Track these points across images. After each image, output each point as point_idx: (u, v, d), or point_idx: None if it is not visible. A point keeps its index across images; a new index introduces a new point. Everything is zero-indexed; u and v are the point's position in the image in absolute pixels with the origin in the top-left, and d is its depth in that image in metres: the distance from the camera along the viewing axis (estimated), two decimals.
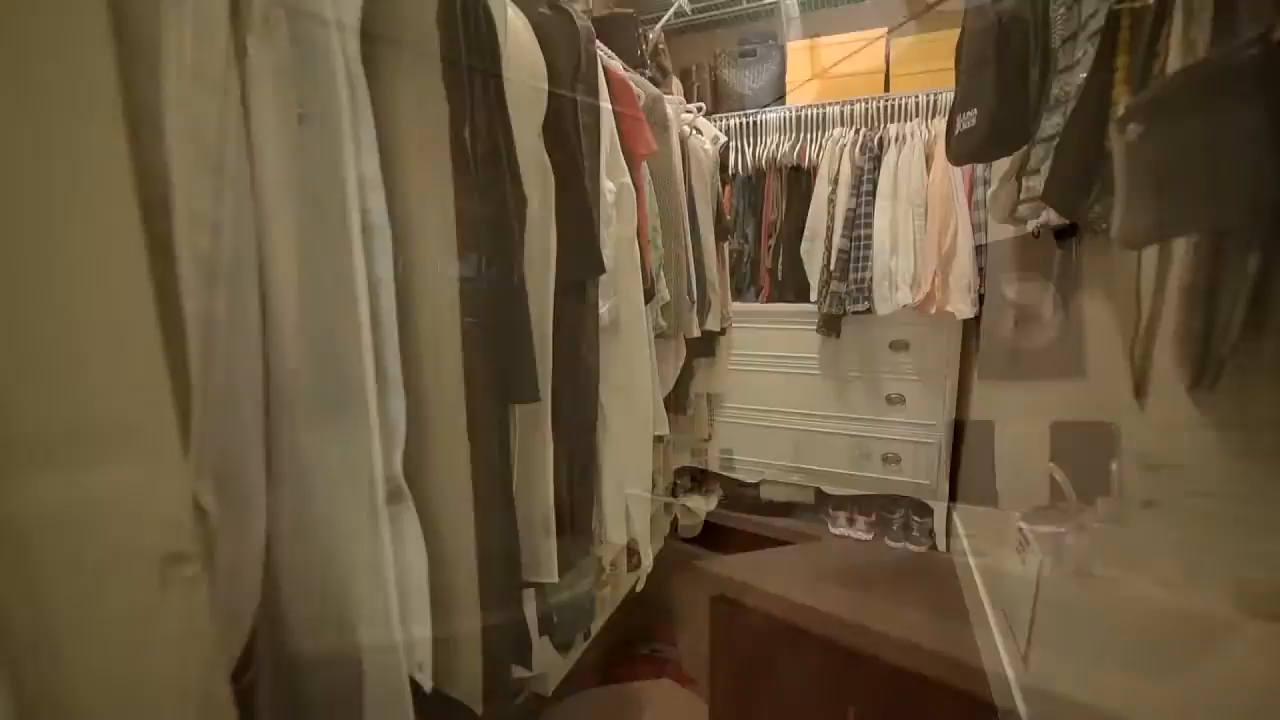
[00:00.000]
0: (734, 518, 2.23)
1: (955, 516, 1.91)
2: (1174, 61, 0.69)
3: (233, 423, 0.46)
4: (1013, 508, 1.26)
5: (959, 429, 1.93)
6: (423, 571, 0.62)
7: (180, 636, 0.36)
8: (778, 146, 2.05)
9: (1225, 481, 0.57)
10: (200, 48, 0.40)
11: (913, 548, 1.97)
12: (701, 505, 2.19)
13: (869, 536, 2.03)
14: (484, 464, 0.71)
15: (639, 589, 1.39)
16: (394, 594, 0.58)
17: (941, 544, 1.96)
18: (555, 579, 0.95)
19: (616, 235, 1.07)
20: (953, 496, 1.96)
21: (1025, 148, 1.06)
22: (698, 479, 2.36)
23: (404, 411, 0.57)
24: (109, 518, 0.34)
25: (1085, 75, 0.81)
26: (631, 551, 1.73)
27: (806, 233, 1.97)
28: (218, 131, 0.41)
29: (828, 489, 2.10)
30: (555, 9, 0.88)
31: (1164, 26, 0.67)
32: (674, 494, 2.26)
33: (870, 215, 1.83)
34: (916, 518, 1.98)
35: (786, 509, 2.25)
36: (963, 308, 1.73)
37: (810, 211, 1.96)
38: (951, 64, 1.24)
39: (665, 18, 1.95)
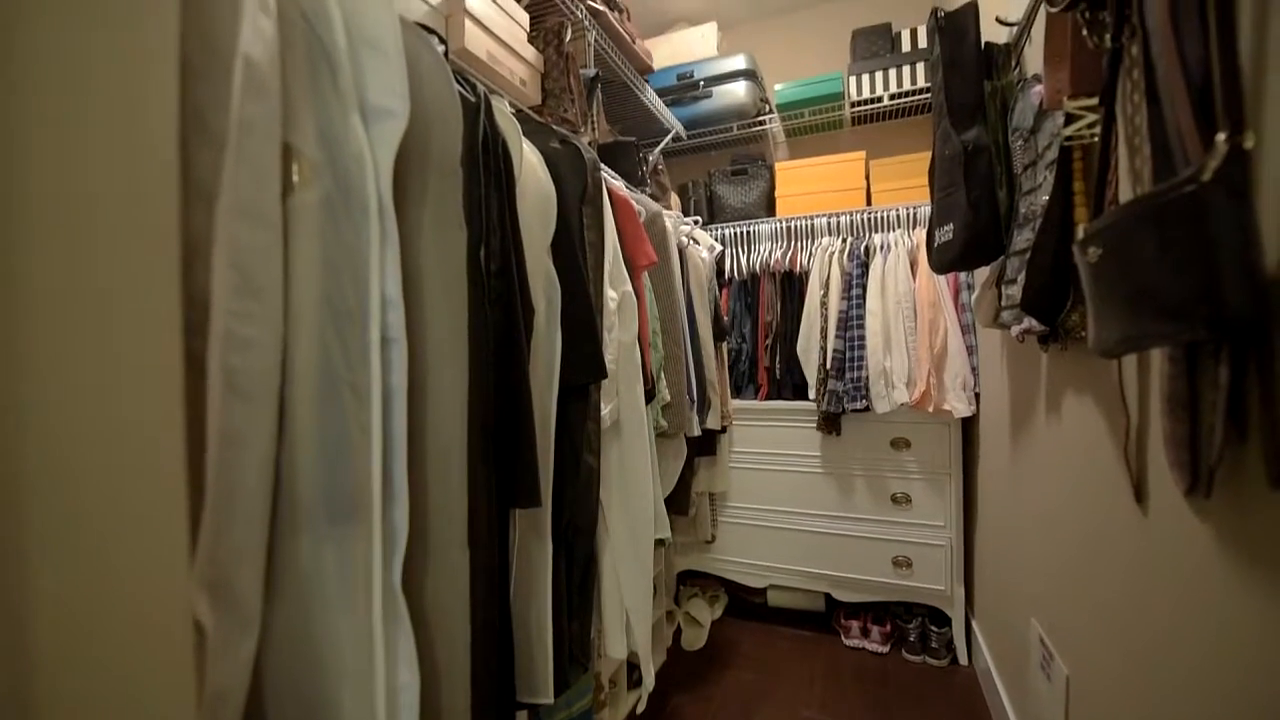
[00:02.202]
0: (740, 627, 2.11)
1: (975, 626, 1.81)
2: (1124, 188, 0.77)
3: (238, 535, 0.46)
4: (1031, 617, 1.20)
5: (969, 531, 1.88)
6: (414, 692, 0.59)
7: None
8: (770, 253, 2.17)
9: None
10: (254, 190, 0.45)
11: (932, 661, 1.85)
12: (706, 614, 2.07)
13: (885, 649, 1.91)
14: (482, 573, 0.69)
15: (640, 710, 1.29)
16: (383, 718, 0.55)
17: (963, 657, 1.84)
18: (550, 699, 0.89)
19: (619, 340, 1.11)
20: (970, 603, 1.87)
21: (1001, 258, 1.14)
22: (701, 584, 2.25)
23: (407, 520, 0.57)
24: (110, 629, 0.33)
25: (1047, 198, 0.89)
26: (632, 667, 1.62)
27: (801, 333, 2.03)
28: (261, 261, 0.46)
29: (838, 595, 2.01)
30: (565, 143, 0.98)
31: (1110, 159, 0.75)
32: (677, 602, 2.15)
33: (862, 317, 1.90)
34: (934, 628, 1.87)
35: (796, 617, 2.13)
36: (959, 406, 1.76)
37: (804, 314, 2.04)
38: (925, 181, 1.36)
39: (664, 143, 2.15)
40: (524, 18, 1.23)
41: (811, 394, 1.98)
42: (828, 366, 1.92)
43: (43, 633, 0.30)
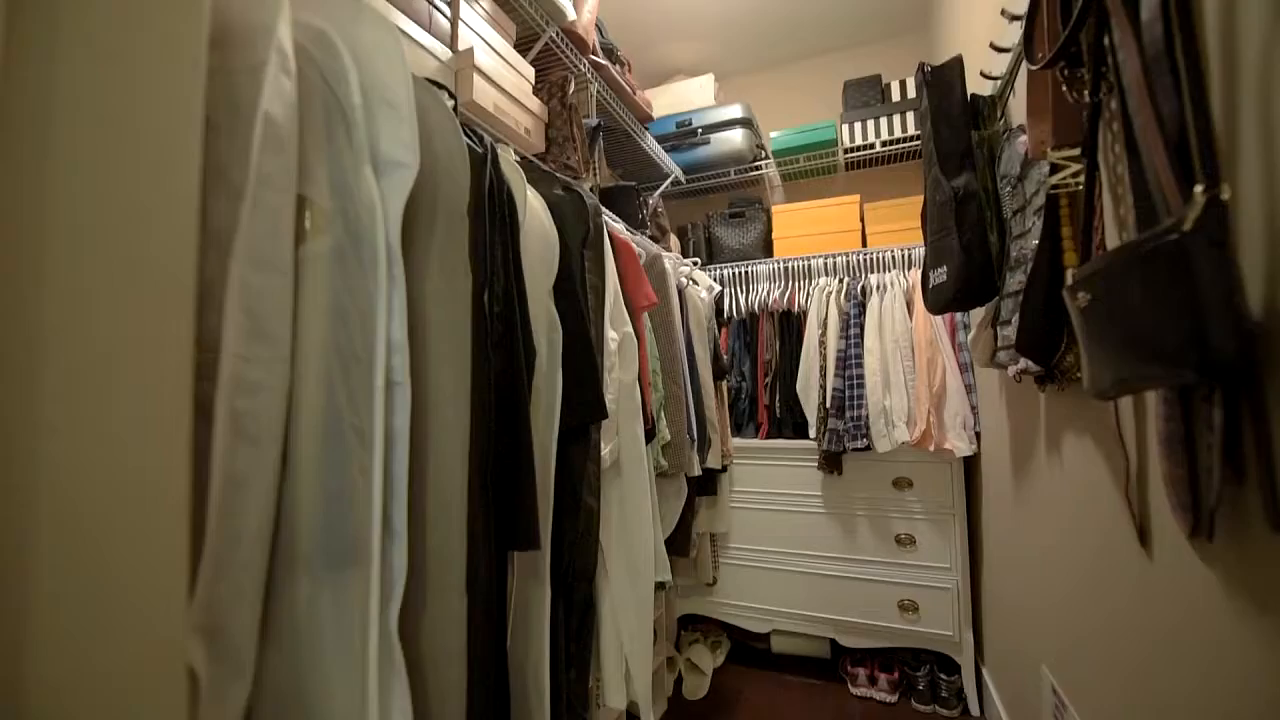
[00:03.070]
0: (743, 674, 2.04)
1: (985, 674, 1.76)
2: (1110, 234, 0.79)
3: (237, 579, 0.46)
4: (1042, 664, 1.17)
5: (976, 573, 1.85)
6: None
7: None
8: (768, 293, 2.20)
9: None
10: (268, 239, 0.47)
11: (942, 711, 1.78)
12: (708, 660, 2.01)
13: (893, 698, 1.85)
14: (480, 618, 0.68)
15: None
16: None
17: (974, 706, 1.77)
18: None
19: (619, 379, 1.12)
20: (979, 650, 1.82)
21: (995, 299, 1.16)
22: (703, 629, 2.20)
23: (405, 565, 0.57)
24: (108, 672, 0.33)
25: (1037, 242, 0.91)
26: (632, 717, 1.57)
27: (800, 372, 2.04)
28: (272, 307, 0.47)
29: (844, 641, 1.95)
30: (568, 190, 1.01)
31: (1095, 206, 0.77)
32: (677, 647, 2.09)
33: (860, 356, 1.91)
34: (944, 675, 1.81)
35: (801, 664, 2.07)
36: (960, 445, 1.75)
37: (803, 353, 2.05)
38: (918, 223, 1.39)
39: (663, 187, 2.21)
40: (529, 71, 1.29)
41: (812, 433, 1.97)
42: (828, 405, 1.92)
43: (41, 669, 0.30)
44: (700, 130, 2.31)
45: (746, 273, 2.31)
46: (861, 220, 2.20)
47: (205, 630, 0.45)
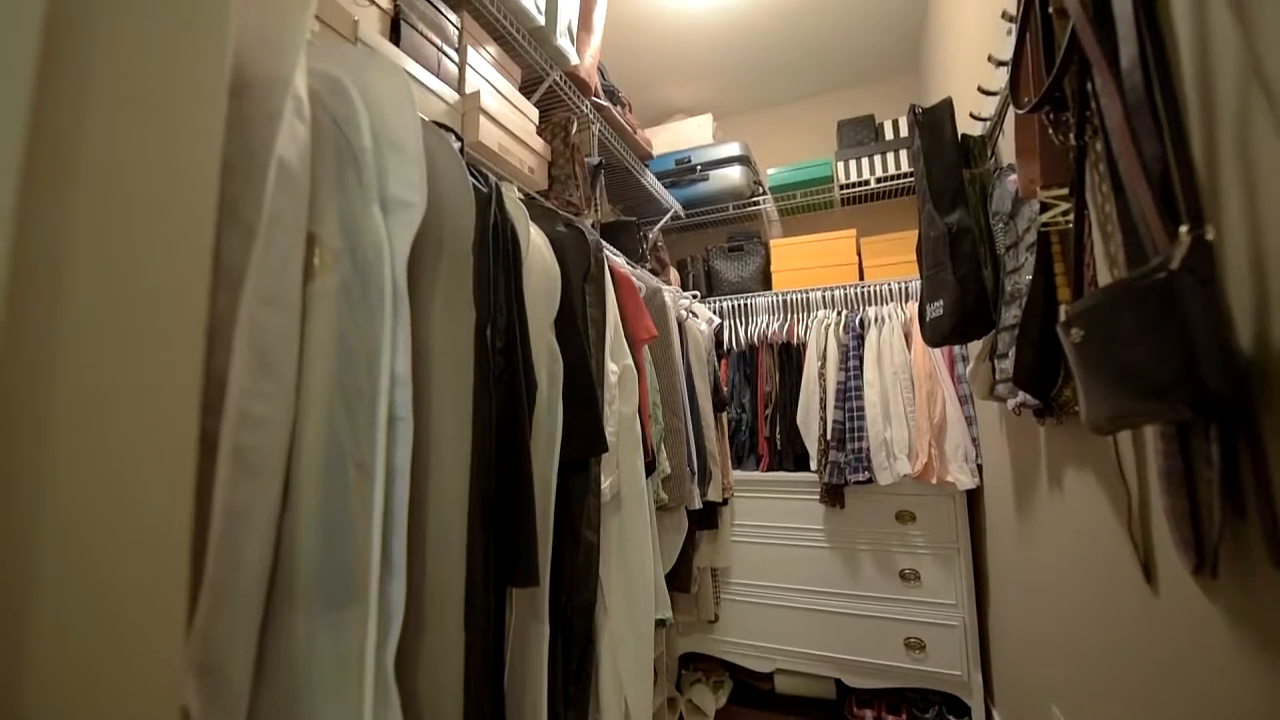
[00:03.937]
0: (746, 716, 1.98)
1: (995, 715, 1.70)
2: (1102, 271, 0.80)
3: (234, 615, 0.46)
4: (1052, 704, 1.14)
5: (982, 610, 1.81)
6: None
7: None
8: (768, 325, 2.22)
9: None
10: (278, 276, 0.48)
11: None
12: (710, 701, 1.96)
13: None
14: (477, 656, 0.67)
15: None
16: None
17: None
18: None
19: (619, 412, 1.12)
20: (989, 690, 1.77)
21: (993, 333, 1.17)
22: (705, 669, 2.14)
23: (404, 600, 0.56)
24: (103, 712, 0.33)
25: (1030, 278, 0.93)
26: None
27: (800, 404, 2.04)
28: (279, 343, 0.48)
29: (849, 681, 1.90)
30: (570, 226, 1.04)
31: (1086, 244, 0.79)
32: (679, 687, 2.04)
33: (860, 388, 1.92)
34: (953, 718, 1.76)
35: (806, 705, 2.00)
36: (963, 478, 1.74)
37: (803, 385, 2.06)
38: (913, 257, 1.41)
39: (663, 221, 2.25)
40: (533, 112, 1.33)
41: (813, 465, 1.96)
42: (828, 437, 1.91)
43: (40, 700, 0.30)
44: (699, 167, 2.36)
45: (746, 305, 2.34)
46: (859, 254, 2.24)
47: (201, 667, 0.45)
